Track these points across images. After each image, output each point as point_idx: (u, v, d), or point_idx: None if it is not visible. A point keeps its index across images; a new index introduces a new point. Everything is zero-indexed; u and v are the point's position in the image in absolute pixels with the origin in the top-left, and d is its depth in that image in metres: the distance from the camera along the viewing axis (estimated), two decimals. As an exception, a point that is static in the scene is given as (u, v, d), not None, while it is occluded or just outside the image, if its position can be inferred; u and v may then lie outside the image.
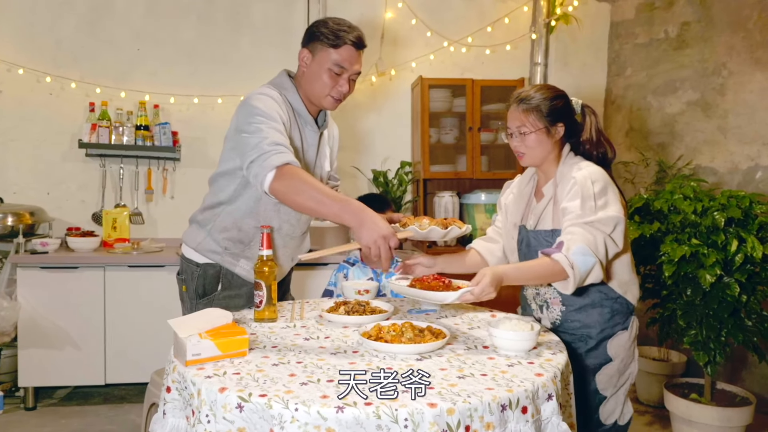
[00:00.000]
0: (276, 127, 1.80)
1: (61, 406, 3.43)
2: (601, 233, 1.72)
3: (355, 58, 1.94)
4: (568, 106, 1.90)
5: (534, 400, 1.33)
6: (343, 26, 1.92)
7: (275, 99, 1.89)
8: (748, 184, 3.58)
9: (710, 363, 2.84)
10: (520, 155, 1.89)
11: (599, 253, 1.71)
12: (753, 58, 3.60)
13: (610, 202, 1.76)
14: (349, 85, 1.96)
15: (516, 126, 1.86)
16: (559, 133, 1.86)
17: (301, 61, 1.97)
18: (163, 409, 1.47)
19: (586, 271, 1.69)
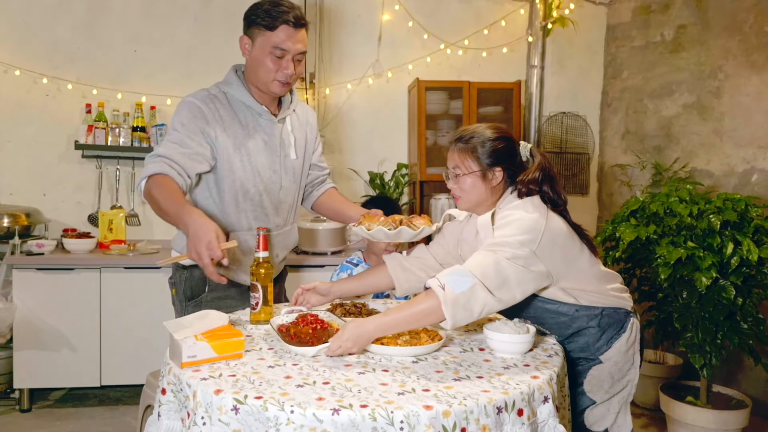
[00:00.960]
0: (175, 138, 1.84)
1: (56, 407, 3.42)
2: (499, 256, 1.50)
3: (296, 38, 1.87)
4: (512, 149, 1.72)
5: (530, 403, 1.33)
6: (279, 6, 1.86)
7: (193, 106, 1.88)
8: (744, 186, 3.59)
9: (706, 366, 2.85)
10: (456, 198, 1.75)
11: (484, 275, 1.47)
12: (749, 61, 3.62)
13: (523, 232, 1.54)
14: (294, 66, 1.89)
15: (452, 167, 1.74)
16: (497, 178, 1.69)
17: (243, 49, 1.93)
18: (158, 411, 1.46)
19: (463, 293, 1.45)
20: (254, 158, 1.96)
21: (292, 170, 2.07)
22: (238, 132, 1.93)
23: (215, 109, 1.91)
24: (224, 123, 1.91)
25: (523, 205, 1.63)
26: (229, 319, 1.63)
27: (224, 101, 1.95)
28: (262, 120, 1.98)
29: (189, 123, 1.87)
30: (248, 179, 1.96)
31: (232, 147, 1.92)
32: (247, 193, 1.98)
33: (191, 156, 1.85)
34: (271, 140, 1.99)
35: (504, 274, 1.49)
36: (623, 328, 1.75)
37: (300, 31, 1.89)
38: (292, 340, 1.53)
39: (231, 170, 1.93)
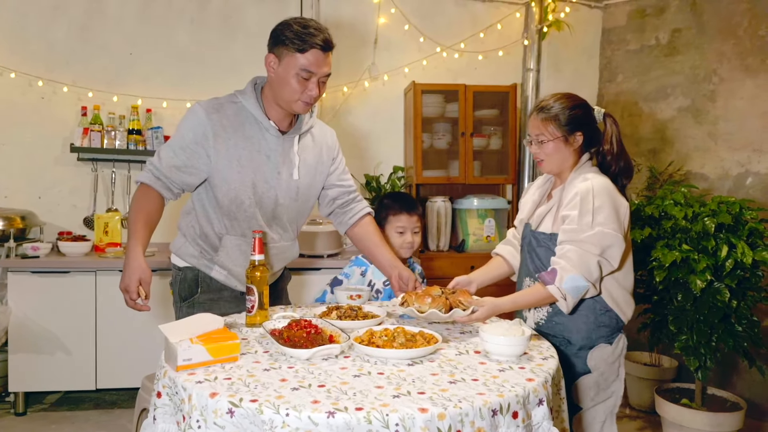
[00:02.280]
0: (171, 148, 1.92)
1: (51, 411, 3.41)
2: (593, 255, 1.75)
3: (323, 61, 1.87)
4: (589, 115, 1.91)
5: (525, 405, 1.34)
6: (309, 29, 1.85)
7: (197, 115, 1.92)
8: (739, 190, 3.61)
9: (701, 368, 2.86)
10: (540, 162, 1.93)
11: (592, 277, 1.76)
12: (743, 65, 3.64)
13: (608, 220, 1.76)
14: (319, 87, 1.91)
15: (535, 134, 1.90)
16: (577, 142, 1.89)
17: (268, 66, 1.92)
18: (153, 415, 1.46)
19: (579, 296, 1.77)
20: (251, 171, 1.96)
21: (296, 189, 2.06)
22: (240, 144, 1.94)
23: (219, 120, 1.93)
24: (227, 133, 1.93)
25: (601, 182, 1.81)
26: (224, 322, 1.63)
27: (233, 111, 1.96)
28: (268, 135, 1.98)
29: (189, 132, 1.92)
30: (243, 191, 1.97)
31: (230, 158, 1.93)
32: (242, 204, 1.98)
33: (182, 168, 1.92)
34: (274, 156, 1.98)
35: (599, 268, 1.77)
36: (612, 337, 1.90)
37: (328, 54, 1.89)
38: (286, 343, 1.53)
39: (226, 180, 1.95)
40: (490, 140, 4.15)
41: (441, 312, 1.73)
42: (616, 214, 1.78)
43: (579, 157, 1.92)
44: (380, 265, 2.17)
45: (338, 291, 2.19)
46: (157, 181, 1.92)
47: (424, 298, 1.78)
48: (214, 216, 2.02)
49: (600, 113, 1.93)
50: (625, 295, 1.91)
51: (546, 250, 1.89)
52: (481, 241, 3.99)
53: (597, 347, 1.88)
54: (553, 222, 1.89)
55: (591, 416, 1.90)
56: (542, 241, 1.90)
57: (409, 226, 2.39)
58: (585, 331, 1.87)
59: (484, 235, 3.99)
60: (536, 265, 1.93)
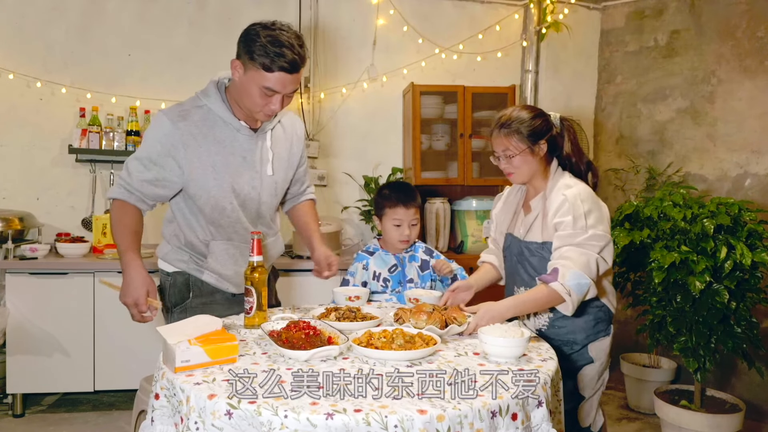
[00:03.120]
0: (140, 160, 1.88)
1: (49, 412, 3.40)
2: (593, 254, 1.82)
3: (288, 81, 1.79)
4: (547, 123, 1.98)
5: (524, 407, 1.33)
6: (278, 47, 1.75)
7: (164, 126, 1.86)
8: (737, 191, 3.61)
9: (700, 370, 2.85)
10: (509, 174, 1.99)
11: (592, 274, 1.81)
12: (742, 66, 3.64)
13: (598, 222, 1.85)
14: (283, 102, 1.84)
15: (501, 150, 1.96)
16: (542, 151, 1.95)
17: (234, 71, 1.86)
18: (151, 416, 1.46)
19: (583, 294, 1.80)
20: (230, 176, 1.91)
21: (273, 185, 2.04)
22: (212, 149, 1.88)
23: (187, 128, 1.86)
24: (197, 141, 1.86)
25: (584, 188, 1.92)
26: (222, 323, 1.62)
27: (200, 116, 1.90)
28: (240, 135, 1.92)
29: (155, 143, 1.86)
30: (224, 197, 1.93)
31: (205, 166, 1.88)
32: (224, 210, 1.95)
33: (153, 182, 1.89)
34: (250, 156, 1.94)
35: (597, 267, 1.83)
36: (609, 329, 2.00)
37: (296, 75, 1.80)
38: (284, 345, 1.53)
39: (204, 189, 1.90)
40: (488, 141, 4.14)
41: (437, 328, 1.74)
42: (603, 216, 1.87)
43: (546, 164, 1.99)
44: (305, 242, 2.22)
45: (337, 292, 2.19)
46: (130, 196, 1.90)
47: (419, 314, 1.79)
48: (196, 224, 1.99)
49: (556, 118, 2.01)
50: (610, 287, 2.00)
51: (540, 259, 1.95)
52: (480, 243, 3.99)
53: (599, 340, 1.97)
54: (542, 230, 1.95)
55: (590, 405, 2.00)
56: (535, 251, 1.96)
57: (406, 219, 2.36)
58: (587, 329, 1.95)
59: (482, 237, 3.99)
60: (530, 274, 1.98)
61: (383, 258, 2.43)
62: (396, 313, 1.89)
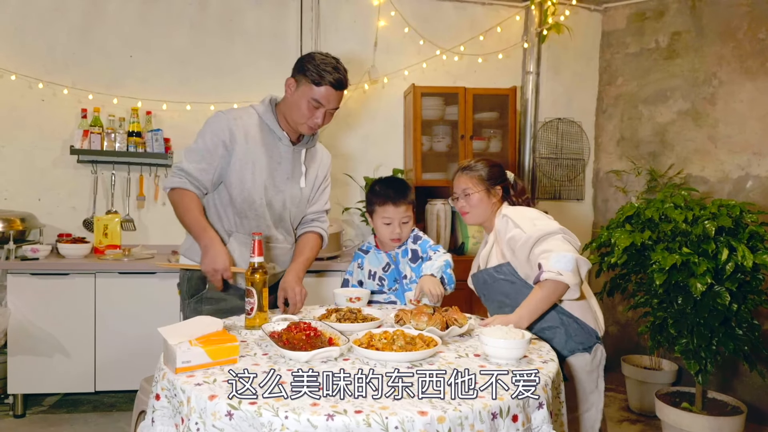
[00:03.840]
0: (195, 152, 2.10)
1: (50, 413, 3.40)
2: (557, 233, 1.93)
3: (333, 97, 2.07)
4: (503, 173, 2.22)
5: (525, 409, 1.33)
6: (327, 66, 2.05)
7: (221, 119, 2.12)
8: (739, 193, 3.61)
9: (701, 372, 2.85)
10: (464, 214, 2.19)
11: (570, 248, 1.89)
12: (743, 67, 3.64)
13: (546, 219, 2.02)
14: (325, 117, 2.10)
15: (461, 189, 2.18)
16: (498, 194, 2.17)
17: (287, 88, 2.12)
18: (151, 417, 1.46)
19: (574, 269, 1.85)
20: (264, 174, 2.14)
21: (299, 196, 2.25)
22: (256, 149, 2.13)
23: (239, 124, 2.12)
24: (246, 138, 2.12)
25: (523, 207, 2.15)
26: (223, 324, 1.62)
27: (251, 120, 2.16)
28: (281, 144, 2.18)
29: (212, 135, 2.10)
30: (256, 191, 2.14)
31: (247, 160, 2.11)
32: (253, 203, 2.15)
33: (207, 170, 2.11)
34: (285, 163, 2.19)
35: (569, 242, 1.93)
36: (590, 348, 2.00)
37: (340, 92, 2.09)
38: (285, 346, 1.53)
39: (241, 180, 2.12)
40: (489, 143, 4.15)
41: (438, 329, 1.74)
42: (549, 217, 2.05)
43: (498, 208, 2.18)
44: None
45: (338, 294, 2.19)
46: (189, 185, 2.10)
47: (419, 316, 1.79)
48: (224, 214, 2.18)
49: (510, 176, 2.25)
50: (586, 302, 2.03)
51: (501, 282, 2.06)
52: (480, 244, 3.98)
53: (574, 355, 1.98)
54: (497, 256, 2.09)
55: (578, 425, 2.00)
56: (494, 275, 2.09)
57: (396, 217, 2.32)
58: (561, 343, 1.98)
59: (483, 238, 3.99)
60: (502, 296, 2.07)
61: (377, 257, 2.41)
62: (397, 314, 1.88)
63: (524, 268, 1.98)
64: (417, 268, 2.34)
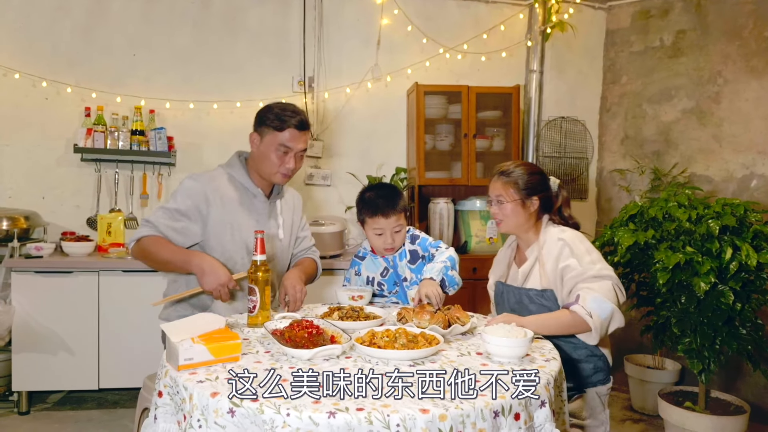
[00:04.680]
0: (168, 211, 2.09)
1: (54, 410, 3.41)
2: (609, 280, 1.89)
3: (299, 138, 2.11)
4: (544, 182, 2.10)
5: (527, 407, 1.33)
6: (287, 111, 2.10)
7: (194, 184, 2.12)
8: (743, 192, 3.59)
9: (704, 371, 2.84)
10: (498, 222, 2.10)
11: (613, 299, 1.87)
12: (748, 66, 3.63)
13: (600, 259, 1.96)
14: (296, 161, 2.13)
15: (495, 195, 2.08)
16: (534, 206, 2.06)
17: (252, 144, 2.16)
18: (154, 414, 1.46)
19: (606, 318, 1.85)
20: (243, 233, 2.15)
21: (280, 247, 2.27)
22: (233, 208, 2.15)
23: (213, 188, 2.13)
24: (221, 201, 2.13)
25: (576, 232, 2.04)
26: (226, 322, 1.62)
27: (224, 180, 2.18)
28: (257, 201, 2.20)
29: (186, 199, 2.11)
30: (236, 251, 2.15)
31: (225, 223, 2.13)
32: (235, 264, 2.14)
33: (178, 230, 2.09)
34: (262, 219, 2.21)
35: (616, 293, 1.90)
36: (607, 378, 2.04)
37: (304, 133, 2.13)
38: (287, 343, 1.53)
39: (221, 243, 2.13)
40: (492, 141, 4.14)
41: (440, 327, 1.74)
42: (600, 255, 1.98)
43: (536, 219, 2.09)
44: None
45: (340, 292, 2.19)
46: (159, 233, 2.08)
47: (422, 314, 1.79)
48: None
49: (555, 184, 2.13)
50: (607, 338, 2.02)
51: (539, 306, 2.01)
52: (484, 243, 3.98)
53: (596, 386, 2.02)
54: (541, 278, 2.01)
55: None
56: (534, 298, 2.02)
57: (388, 228, 2.26)
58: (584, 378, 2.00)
59: (486, 237, 3.98)
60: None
61: (373, 262, 2.38)
62: (399, 312, 1.88)
63: (564, 297, 1.95)
64: (417, 269, 2.32)
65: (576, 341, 1.95)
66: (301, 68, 4.11)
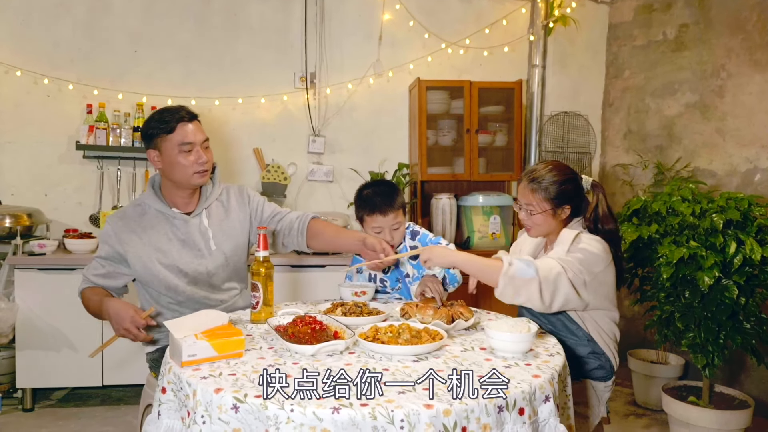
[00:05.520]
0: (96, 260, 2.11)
1: (58, 407, 3.42)
2: (564, 271, 1.76)
3: (193, 129, 2.03)
4: (577, 187, 1.97)
5: (531, 402, 1.33)
6: (167, 112, 2.03)
7: (109, 227, 2.09)
8: (747, 186, 3.58)
9: (708, 366, 2.83)
10: (528, 228, 2.01)
11: (545, 279, 1.74)
12: (752, 60, 3.60)
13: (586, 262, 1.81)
14: (205, 153, 2.05)
15: (524, 202, 1.97)
16: (565, 213, 1.96)
17: (154, 162, 2.06)
18: (158, 410, 1.46)
19: (521, 279, 1.73)
20: (172, 258, 2.08)
21: (222, 256, 2.15)
22: (152, 239, 2.08)
23: (125, 226, 2.09)
24: (136, 234, 2.08)
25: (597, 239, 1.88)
26: (229, 318, 1.62)
27: (137, 213, 2.12)
28: (176, 221, 2.11)
29: (104, 245, 2.11)
30: (173, 278, 2.08)
31: (149, 254, 2.06)
32: (177, 287, 2.09)
33: (106, 275, 2.10)
34: (188, 238, 2.11)
35: (559, 286, 1.76)
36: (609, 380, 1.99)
37: (195, 122, 2.06)
38: (291, 339, 1.53)
39: (152, 273, 2.07)
40: (495, 137, 4.13)
41: (444, 323, 1.73)
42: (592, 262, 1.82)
43: (566, 224, 1.99)
44: (347, 248, 2.19)
45: (343, 288, 2.18)
46: (93, 285, 2.10)
47: (425, 309, 1.79)
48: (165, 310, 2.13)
49: (588, 182, 2.00)
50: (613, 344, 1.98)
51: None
52: (486, 238, 3.98)
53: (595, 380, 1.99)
54: None
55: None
56: None
57: (387, 225, 2.23)
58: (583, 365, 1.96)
59: (489, 232, 3.98)
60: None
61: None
62: (402, 308, 1.88)
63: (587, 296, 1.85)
64: (419, 265, 2.29)
65: (579, 338, 1.94)
66: (303, 64, 4.10)
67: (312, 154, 4.16)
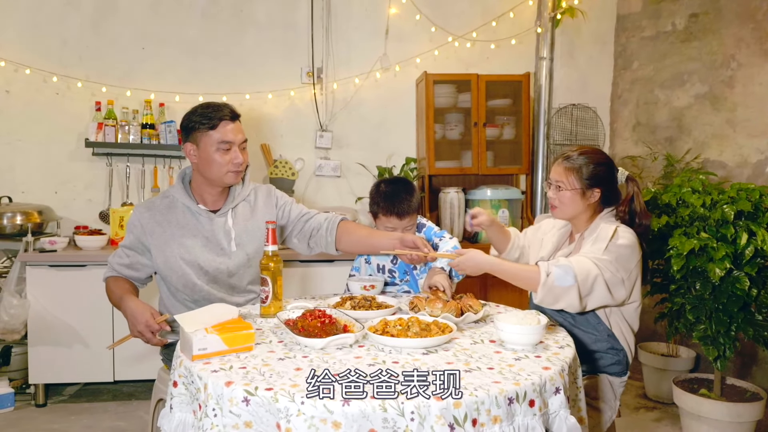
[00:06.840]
0: (120, 249, 2.13)
1: (70, 402, 3.45)
2: (600, 272, 1.78)
3: (234, 129, 2.03)
4: (611, 174, 1.99)
5: (541, 394, 1.32)
6: (211, 108, 2.02)
7: (135, 217, 2.10)
8: (758, 177, 3.55)
9: (720, 358, 2.81)
10: (553, 207, 2.02)
11: (583, 283, 1.77)
12: (762, 49, 3.57)
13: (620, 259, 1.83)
14: (241, 154, 2.05)
15: (555, 180, 1.99)
16: (594, 197, 1.96)
17: (190, 156, 2.06)
18: (170, 404, 1.47)
19: (561, 287, 1.76)
20: (194, 254, 2.07)
21: (245, 257, 2.14)
22: (177, 233, 2.08)
23: (151, 217, 2.09)
24: (162, 227, 2.08)
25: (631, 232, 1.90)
26: (239, 312, 1.63)
27: (164, 205, 2.12)
28: (201, 218, 2.10)
29: (129, 234, 2.12)
30: (192, 274, 2.08)
31: (172, 248, 2.06)
32: (195, 285, 2.09)
33: (130, 266, 2.12)
34: (212, 236, 2.10)
35: (595, 288, 1.79)
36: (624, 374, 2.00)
37: (237, 122, 2.05)
38: (300, 333, 1.53)
39: (172, 268, 2.07)
40: (503, 130, 4.11)
41: (453, 316, 1.73)
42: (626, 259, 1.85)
43: (594, 211, 2.00)
44: (382, 247, 2.13)
45: (352, 282, 2.19)
46: (117, 274, 2.12)
47: (434, 302, 1.78)
48: (178, 303, 2.14)
49: (623, 175, 2.01)
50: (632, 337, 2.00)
51: None
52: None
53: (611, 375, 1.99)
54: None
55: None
56: None
57: (400, 227, 2.25)
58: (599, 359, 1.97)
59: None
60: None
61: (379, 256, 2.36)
62: (411, 301, 1.88)
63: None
64: None
65: (600, 333, 1.94)
66: (310, 59, 4.10)
67: (319, 149, 4.17)
